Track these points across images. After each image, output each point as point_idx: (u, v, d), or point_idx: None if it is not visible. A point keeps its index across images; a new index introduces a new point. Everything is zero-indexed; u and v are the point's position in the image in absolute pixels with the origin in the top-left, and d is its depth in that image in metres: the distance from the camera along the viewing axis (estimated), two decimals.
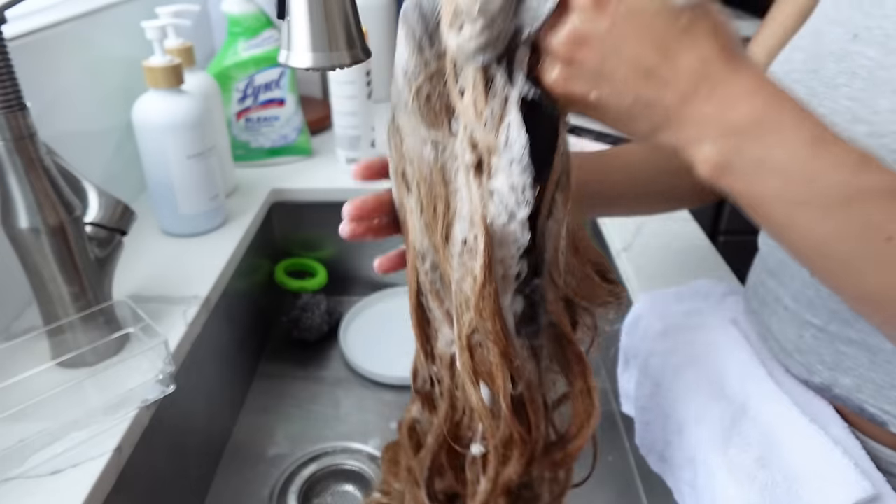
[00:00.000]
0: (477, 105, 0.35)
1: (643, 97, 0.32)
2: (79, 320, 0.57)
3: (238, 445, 0.76)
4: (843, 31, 0.47)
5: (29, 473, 0.48)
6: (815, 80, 0.47)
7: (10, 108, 0.49)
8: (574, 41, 0.32)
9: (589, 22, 0.31)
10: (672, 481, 0.57)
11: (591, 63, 0.32)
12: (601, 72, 0.32)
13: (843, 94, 0.45)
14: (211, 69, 0.92)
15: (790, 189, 0.31)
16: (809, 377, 0.50)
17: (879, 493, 0.43)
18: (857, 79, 0.44)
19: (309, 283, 0.93)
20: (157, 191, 0.77)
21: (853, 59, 0.45)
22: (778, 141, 0.31)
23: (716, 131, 0.31)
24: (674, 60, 0.31)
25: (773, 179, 0.31)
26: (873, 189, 0.31)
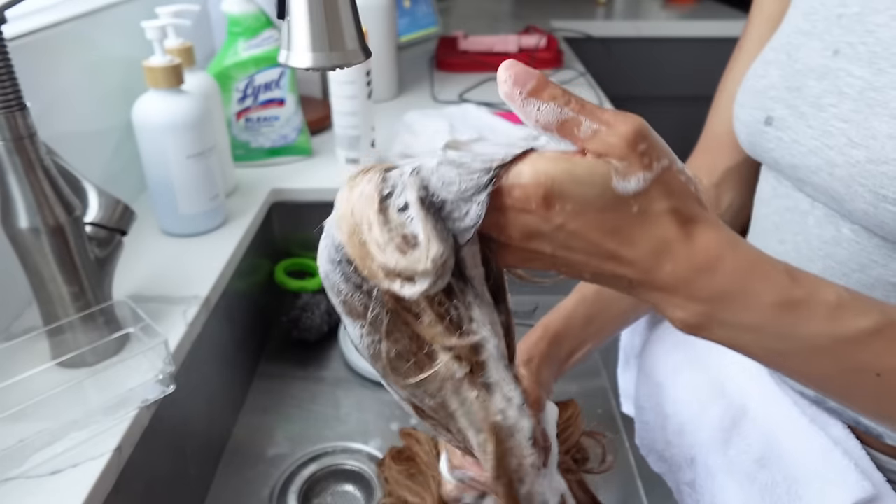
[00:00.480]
0: (441, 320, 0.33)
1: (605, 273, 0.32)
2: (79, 320, 0.57)
3: (238, 445, 0.76)
4: (821, 45, 0.46)
5: (29, 473, 0.48)
6: (799, 98, 0.46)
7: (10, 109, 0.49)
8: (525, 237, 0.31)
9: (539, 222, 0.31)
10: (672, 481, 0.57)
11: (546, 252, 0.32)
12: (556, 259, 0.32)
13: (833, 114, 0.44)
14: (211, 69, 0.92)
15: (765, 343, 0.32)
16: (804, 389, 0.50)
17: (879, 493, 0.43)
18: (846, 99, 0.43)
19: (309, 283, 0.93)
20: (157, 191, 0.77)
21: (837, 76, 0.44)
22: (744, 307, 0.31)
23: (682, 300, 0.32)
24: (631, 245, 0.31)
25: (746, 337, 0.32)
26: (852, 334, 0.31)
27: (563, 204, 0.30)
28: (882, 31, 0.42)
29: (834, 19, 0.45)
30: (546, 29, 1.55)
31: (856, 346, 0.31)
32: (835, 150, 0.43)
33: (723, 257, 0.31)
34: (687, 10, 2.02)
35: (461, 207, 0.31)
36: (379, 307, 0.34)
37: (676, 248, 0.31)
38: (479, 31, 1.65)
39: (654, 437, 0.60)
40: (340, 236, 0.35)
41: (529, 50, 1.46)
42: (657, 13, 2.01)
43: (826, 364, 0.32)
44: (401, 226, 0.31)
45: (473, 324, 0.34)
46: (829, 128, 0.44)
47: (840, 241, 0.45)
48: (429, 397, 0.36)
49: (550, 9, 2.08)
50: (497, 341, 0.35)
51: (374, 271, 0.32)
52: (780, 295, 0.31)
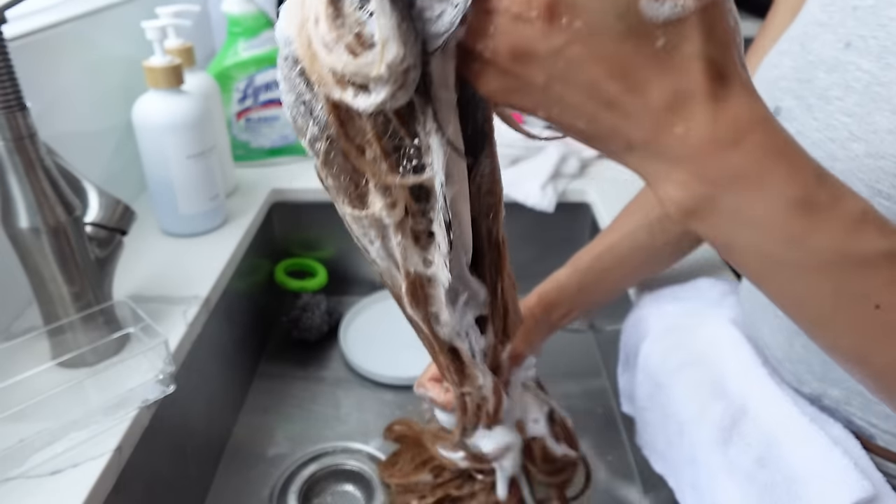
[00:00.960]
0: (387, 157, 0.30)
1: (601, 126, 0.27)
2: (79, 320, 0.57)
3: (238, 445, 0.76)
4: (834, 37, 0.45)
5: (29, 473, 0.48)
6: (808, 90, 0.46)
7: (10, 109, 0.49)
8: (515, 56, 0.26)
9: (536, 37, 0.25)
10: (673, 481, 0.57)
11: (537, 82, 0.26)
12: (549, 93, 0.26)
13: (838, 107, 0.44)
14: (211, 69, 0.92)
15: (767, 247, 0.27)
16: (799, 386, 0.50)
17: (879, 492, 0.43)
18: (852, 92, 0.43)
19: (309, 283, 0.93)
20: (158, 191, 0.77)
21: (846, 69, 0.44)
22: (758, 198, 0.26)
23: (686, 175, 0.26)
24: (640, 93, 0.25)
25: (748, 234, 0.27)
26: (865, 255, 0.27)
27: (571, 18, 0.24)
28: (894, 24, 0.41)
29: (849, 11, 0.44)
30: None
31: (865, 269, 0.27)
32: (836, 143, 0.43)
33: (751, 132, 0.26)
34: None
35: (435, 5, 0.25)
36: (317, 128, 0.30)
37: (697, 108, 0.25)
38: None
39: (655, 437, 0.60)
40: (289, 30, 0.28)
41: None
42: None
43: (824, 284, 0.27)
44: (357, 23, 0.25)
45: (426, 159, 0.30)
46: (833, 121, 0.44)
47: None
48: (360, 229, 0.34)
49: None
50: (453, 189, 0.30)
51: (323, 76, 0.27)
52: (803, 192, 0.26)
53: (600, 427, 0.78)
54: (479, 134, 0.33)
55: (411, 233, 0.33)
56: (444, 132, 0.29)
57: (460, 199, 0.33)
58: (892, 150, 0.39)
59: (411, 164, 0.30)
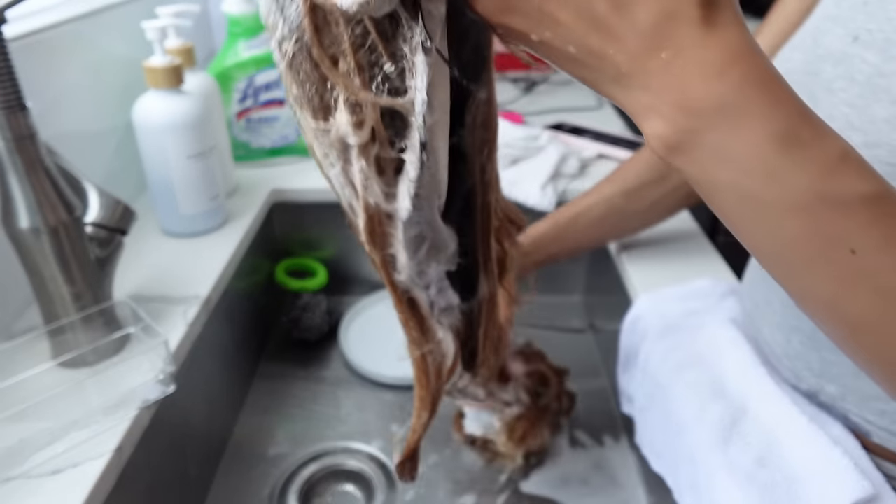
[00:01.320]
0: (361, 72, 0.28)
1: (589, 49, 0.26)
2: (79, 320, 0.57)
3: (238, 445, 0.76)
4: (843, 31, 0.45)
5: (29, 473, 0.48)
6: (815, 83, 0.46)
7: (11, 109, 0.49)
8: None
9: None
10: (672, 481, 0.57)
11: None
12: (542, 10, 0.26)
13: (841, 99, 0.44)
14: (211, 69, 0.92)
15: (746, 183, 0.27)
16: (797, 383, 0.50)
17: (879, 492, 0.43)
18: (854, 84, 0.43)
19: (309, 283, 0.93)
20: (158, 191, 0.77)
21: (852, 62, 0.44)
22: (739, 131, 0.26)
23: (670, 106, 0.26)
24: (628, 12, 0.25)
25: (729, 170, 0.27)
26: (843, 196, 0.26)
27: None
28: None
29: (860, 6, 0.45)
30: None
31: (842, 211, 0.26)
32: (839, 131, 0.43)
33: (737, 62, 0.25)
34: None
35: None
36: (287, 29, 0.28)
37: (685, 32, 0.25)
38: None
39: (654, 437, 0.60)
40: None
41: None
42: None
43: (799, 225, 0.27)
44: None
45: (408, 82, 0.28)
46: (835, 112, 0.44)
47: None
48: (321, 148, 0.32)
49: None
50: (433, 117, 0.28)
51: None
52: (785, 126, 0.26)
53: (601, 427, 0.78)
54: (478, 58, 0.31)
55: (375, 161, 0.31)
56: (432, 41, 0.27)
57: (439, 132, 0.30)
58: (888, 139, 0.39)
59: (387, 84, 0.28)
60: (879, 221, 0.26)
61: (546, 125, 1.08)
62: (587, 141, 1.02)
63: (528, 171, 0.92)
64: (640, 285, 0.71)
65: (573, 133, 1.05)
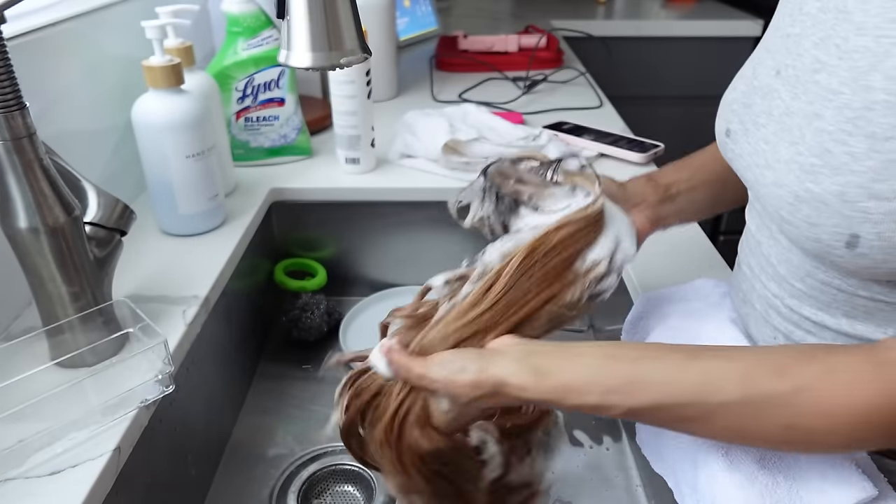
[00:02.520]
0: None
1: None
2: (78, 320, 0.56)
3: (238, 445, 0.76)
4: (772, 64, 0.47)
5: (28, 474, 0.48)
6: (747, 115, 0.48)
7: (10, 108, 0.49)
8: None
9: None
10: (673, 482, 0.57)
11: None
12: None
13: (762, 135, 0.46)
14: (210, 69, 0.92)
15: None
16: None
17: (880, 493, 0.43)
18: (772, 120, 0.45)
19: (309, 283, 0.93)
20: (157, 191, 0.77)
21: (773, 97, 0.45)
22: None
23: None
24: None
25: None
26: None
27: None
28: (804, 57, 0.42)
29: (783, 39, 0.46)
30: (546, 28, 1.55)
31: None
32: (759, 168, 0.45)
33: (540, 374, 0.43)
34: (687, 10, 2.02)
35: None
36: None
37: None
38: (479, 30, 1.65)
39: (655, 437, 0.60)
40: None
41: (529, 49, 1.46)
42: (657, 13, 2.01)
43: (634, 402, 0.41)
44: None
45: None
46: (759, 147, 0.46)
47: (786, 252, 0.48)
48: None
49: (550, 8, 2.08)
50: None
51: None
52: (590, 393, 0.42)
53: (600, 427, 0.78)
54: None
55: None
56: None
57: None
58: (787, 180, 0.41)
59: None
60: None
61: (546, 125, 1.08)
62: (587, 141, 1.02)
63: None
64: (641, 285, 0.71)
65: (573, 133, 1.05)
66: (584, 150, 1.00)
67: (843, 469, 0.44)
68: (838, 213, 0.39)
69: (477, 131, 0.96)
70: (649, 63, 1.91)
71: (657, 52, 1.90)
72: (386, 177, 0.96)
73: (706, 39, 1.87)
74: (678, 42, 1.89)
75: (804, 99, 0.42)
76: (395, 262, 0.98)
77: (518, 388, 0.42)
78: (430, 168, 0.96)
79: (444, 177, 0.95)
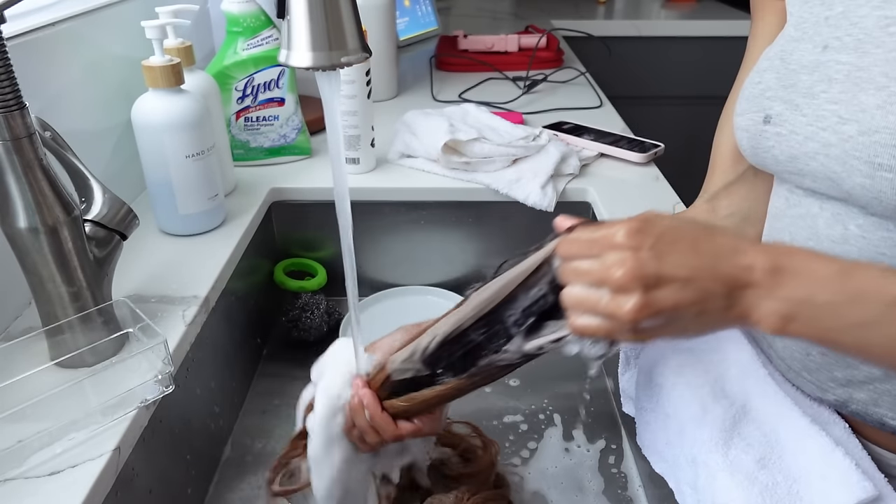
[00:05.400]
0: None
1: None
2: (77, 320, 0.56)
3: (238, 445, 0.76)
4: (811, 45, 0.48)
5: (27, 474, 0.48)
6: (793, 93, 0.49)
7: (9, 108, 0.49)
8: (642, 308, 0.40)
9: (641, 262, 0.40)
10: (673, 482, 0.57)
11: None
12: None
13: (824, 99, 0.46)
14: (210, 69, 0.92)
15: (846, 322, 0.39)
16: (822, 395, 0.50)
17: (881, 493, 0.43)
18: (835, 83, 0.45)
19: (308, 283, 0.93)
20: (157, 191, 0.77)
21: (827, 66, 0.46)
22: (817, 289, 0.39)
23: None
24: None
25: (827, 317, 0.39)
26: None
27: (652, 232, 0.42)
28: (864, 21, 0.44)
29: (822, 22, 0.48)
30: (546, 28, 1.55)
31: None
32: (828, 130, 0.45)
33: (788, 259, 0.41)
34: (687, 10, 2.02)
35: None
36: None
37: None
38: (479, 30, 1.65)
39: (655, 437, 0.60)
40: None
41: (529, 49, 1.46)
42: (657, 13, 2.01)
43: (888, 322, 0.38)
44: None
45: None
46: (821, 112, 0.46)
47: (848, 238, 0.46)
48: None
49: (550, 8, 2.08)
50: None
51: None
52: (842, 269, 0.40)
53: (600, 427, 0.78)
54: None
55: None
56: None
57: None
58: (885, 123, 0.41)
59: None
60: None
61: (546, 125, 1.08)
62: (587, 140, 1.02)
63: (528, 171, 0.92)
64: None
65: (573, 133, 1.05)
66: (584, 151, 1.00)
67: (843, 469, 0.44)
68: None
69: (477, 131, 0.96)
70: (649, 63, 1.91)
71: (657, 52, 1.90)
72: (386, 177, 0.96)
73: (706, 39, 1.87)
74: (678, 42, 1.89)
75: (880, 53, 0.43)
76: (395, 262, 0.98)
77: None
78: (430, 168, 0.96)
79: (444, 177, 0.95)
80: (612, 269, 0.40)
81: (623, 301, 0.40)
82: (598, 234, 0.42)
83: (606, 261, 0.41)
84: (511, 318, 0.48)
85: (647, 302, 0.40)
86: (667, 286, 0.40)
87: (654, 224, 0.41)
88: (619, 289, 0.40)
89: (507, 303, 0.48)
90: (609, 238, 0.41)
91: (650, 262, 0.40)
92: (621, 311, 0.40)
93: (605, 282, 0.41)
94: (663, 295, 0.40)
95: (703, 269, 0.40)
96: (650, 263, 0.40)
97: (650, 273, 0.40)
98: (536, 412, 0.80)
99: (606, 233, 0.42)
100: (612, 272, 0.40)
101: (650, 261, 0.40)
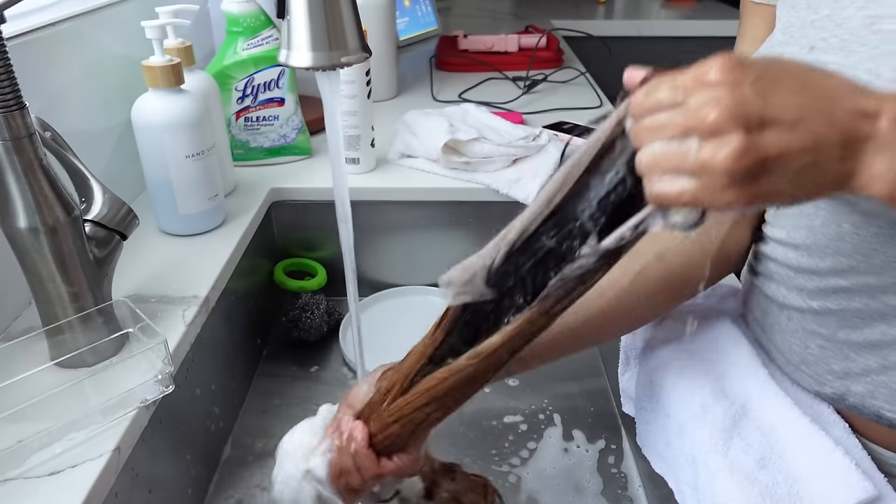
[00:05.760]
0: None
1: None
2: (78, 320, 0.56)
3: (238, 445, 0.76)
4: (798, 48, 0.48)
5: (27, 474, 0.48)
6: None
7: (9, 108, 0.49)
8: (748, 151, 0.31)
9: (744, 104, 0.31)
10: (673, 482, 0.57)
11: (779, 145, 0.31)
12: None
13: None
14: (210, 69, 0.92)
15: None
16: (820, 388, 0.50)
17: (881, 493, 0.43)
18: None
19: (308, 283, 0.93)
20: (157, 190, 0.77)
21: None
22: None
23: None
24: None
25: None
26: None
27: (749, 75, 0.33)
28: (849, 21, 0.45)
29: (808, 24, 0.48)
30: (546, 28, 1.55)
31: None
32: None
33: None
34: (687, 10, 2.02)
35: None
36: None
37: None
38: (479, 30, 1.65)
39: (655, 437, 0.60)
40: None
41: (529, 49, 1.46)
42: (657, 13, 2.01)
43: None
44: None
45: None
46: None
47: (842, 235, 0.46)
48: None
49: (550, 8, 2.08)
50: None
51: None
52: None
53: (600, 427, 0.78)
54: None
55: None
56: None
57: None
58: None
59: None
60: None
61: (546, 125, 1.08)
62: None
63: (529, 171, 0.92)
64: None
65: (573, 133, 1.05)
66: None
67: (843, 469, 0.44)
68: None
69: (477, 131, 0.96)
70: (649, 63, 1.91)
71: (657, 52, 1.90)
72: (386, 177, 0.96)
73: (706, 39, 1.87)
74: (678, 42, 1.89)
75: (864, 50, 0.43)
76: (394, 262, 0.98)
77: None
78: (430, 168, 0.96)
79: (444, 177, 0.95)
80: (704, 111, 0.32)
81: (718, 146, 0.32)
82: (684, 78, 0.35)
83: (694, 103, 0.33)
84: (585, 211, 0.39)
85: (749, 145, 0.31)
86: (772, 128, 0.32)
87: (754, 60, 0.33)
88: (714, 132, 0.32)
89: (579, 193, 0.39)
90: (699, 78, 0.34)
91: (753, 100, 0.31)
92: (716, 158, 0.32)
93: (695, 129, 0.32)
94: (769, 139, 0.31)
95: (817, 112, 0.32)
96: (753, 101, 0.31)
97: (753, 112, 0.31)
98: (536, 412, 0.80)
99: (695, 73, 0.34)
100: (704, 114, 0.32)
101: (753, 97, 0.32)
